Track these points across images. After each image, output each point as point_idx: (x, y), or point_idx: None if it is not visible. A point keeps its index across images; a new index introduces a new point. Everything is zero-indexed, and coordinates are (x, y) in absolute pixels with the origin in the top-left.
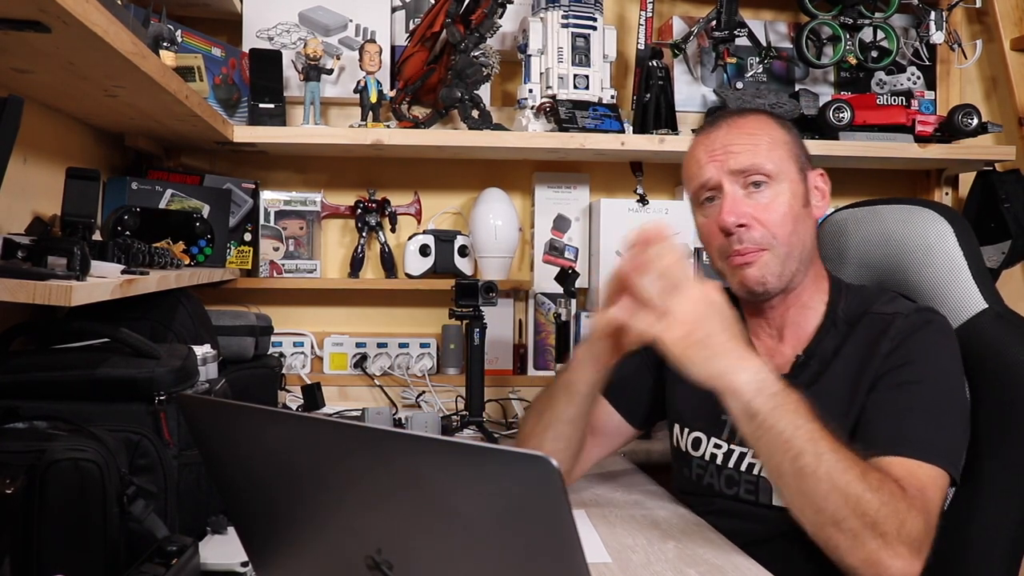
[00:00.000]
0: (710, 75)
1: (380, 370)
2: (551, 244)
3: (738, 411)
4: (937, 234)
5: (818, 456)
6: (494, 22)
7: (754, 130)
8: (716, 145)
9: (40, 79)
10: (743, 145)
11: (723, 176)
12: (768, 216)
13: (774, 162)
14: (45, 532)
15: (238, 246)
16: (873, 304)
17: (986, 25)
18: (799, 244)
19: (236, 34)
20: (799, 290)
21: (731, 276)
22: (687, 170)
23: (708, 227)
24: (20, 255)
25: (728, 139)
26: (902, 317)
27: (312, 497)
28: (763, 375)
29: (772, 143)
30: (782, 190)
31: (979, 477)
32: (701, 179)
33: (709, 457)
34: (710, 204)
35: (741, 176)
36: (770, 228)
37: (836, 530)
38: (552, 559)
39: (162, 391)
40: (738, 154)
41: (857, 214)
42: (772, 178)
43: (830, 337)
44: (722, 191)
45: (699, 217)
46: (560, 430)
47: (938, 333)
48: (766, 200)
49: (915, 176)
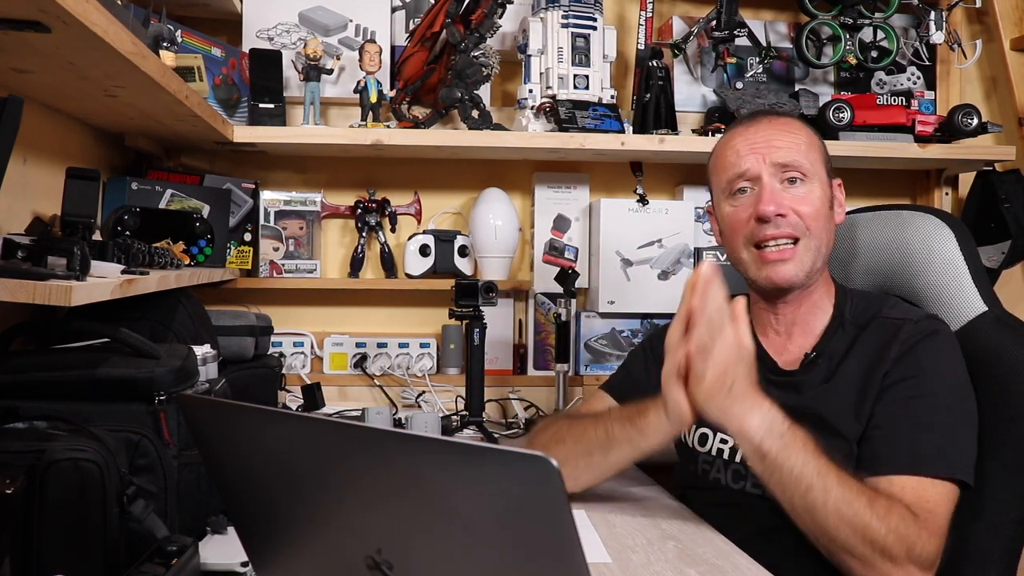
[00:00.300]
0: (710, 75)
1: (380, 370)
2: (551, 244)
3: (749, 451)
4: (939, 239)
5: (826, 491)
6: (494, 22)
7: (795, 129)
8: (758, 138)
9: (40, 79)
10: (785, 141)
11: (763, 168)
12: (804, 209)
13: (811, 161)
14: (45, 532)
15: (238, 246)
16: (881, 309)
17: (986, 25)
18: (826, 242)
19: (236, 34)
20: (812, 289)
21: (756, 268)
22: (722, 159)
23: (737, 216)
24: (20, 255)
25: (770, 134)
26: (911, 323)
27: (312, 497)
28: (772, 416)
29: (810, 144)
30: (814, 188)
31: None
32: (739, 168)
33: (716, 452)
34: (741, 195)
35: (780, 170)
36: (805, 220)
37: (848, 556)
38: (552, 559)
39: (162, 391)
40: (780, 148)
41: (860, 219)
42: (807, 176)
43: (838, 337)
44: (759, 182)
45: (726, 207)
46: (605, 475)
47: (945, 343)
48: (802, 194)
49: (915, 176)
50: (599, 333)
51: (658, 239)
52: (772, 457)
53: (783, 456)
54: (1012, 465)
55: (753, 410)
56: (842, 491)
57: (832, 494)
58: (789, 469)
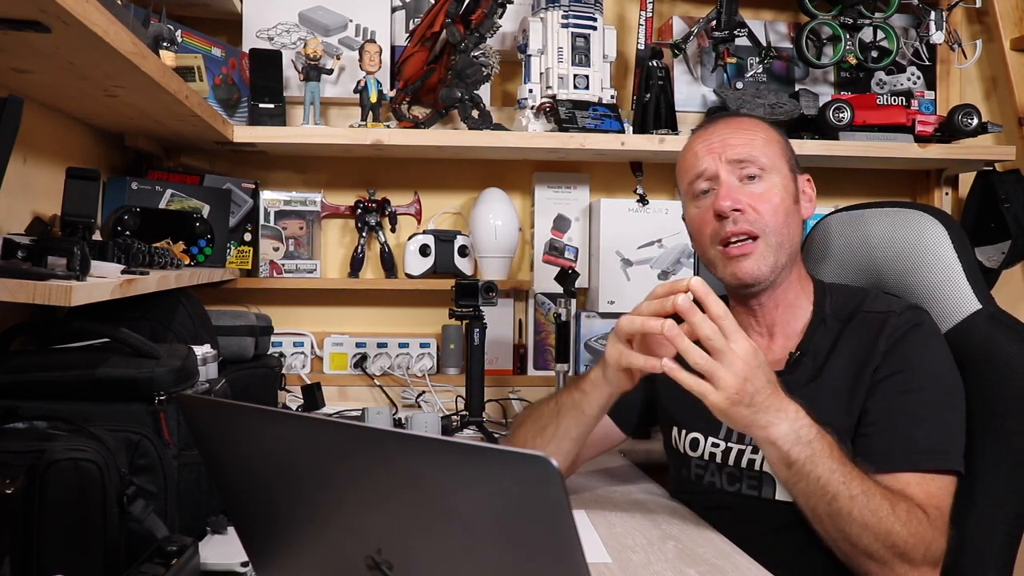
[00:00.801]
0: (710, 75)
1: (380, 370)
2: (551, 244)
3: (775, 459)
4: (932, 237)
5: (851, 499)
6: (494, 22)
7: (751, 127)
8: (714, 139)
9: (40, 79)
10: (740, 138)
11: (720, 165)
12: (761, 205)
13: (768, 156)
14: (45, 532)
15: (238, 246)
16: (863, 302)
17: (986, 25)
18: (789, 237)
19: (236, 34)
20: (785, 287)
21: (723, 266)
22: (683, 163)
23: (701, 216)
24: (20, 255)
25: (725, 133)
26: (895, 315)
27: (312, 497)
28: (799, 423)
29: (767, 140)
30: (775, 183)
31: (973, 475)
32: (697, 169)
33: (708, 456)
34: (704, 196)
35: (737, 166)
36: (763, 216)
37: (868, 560)
38: (552, 559)
39: (162, 391)
40: (735, 146)
41: (853, 217)
42: (766, 171)
43: (821, 334)
44: (718, 181)
45: (692, 209)
46: (562, 446)
47: (930, 334)
48: (760, 190)
49: (915, 176)
50: (599, 333)
51: (658, 239)
52: (800, 466)
53: (811, 465)
54: (1007, 461)
55: (780, 419)
56: (867, 499)
57: (857, 502)
58: (816, 477)
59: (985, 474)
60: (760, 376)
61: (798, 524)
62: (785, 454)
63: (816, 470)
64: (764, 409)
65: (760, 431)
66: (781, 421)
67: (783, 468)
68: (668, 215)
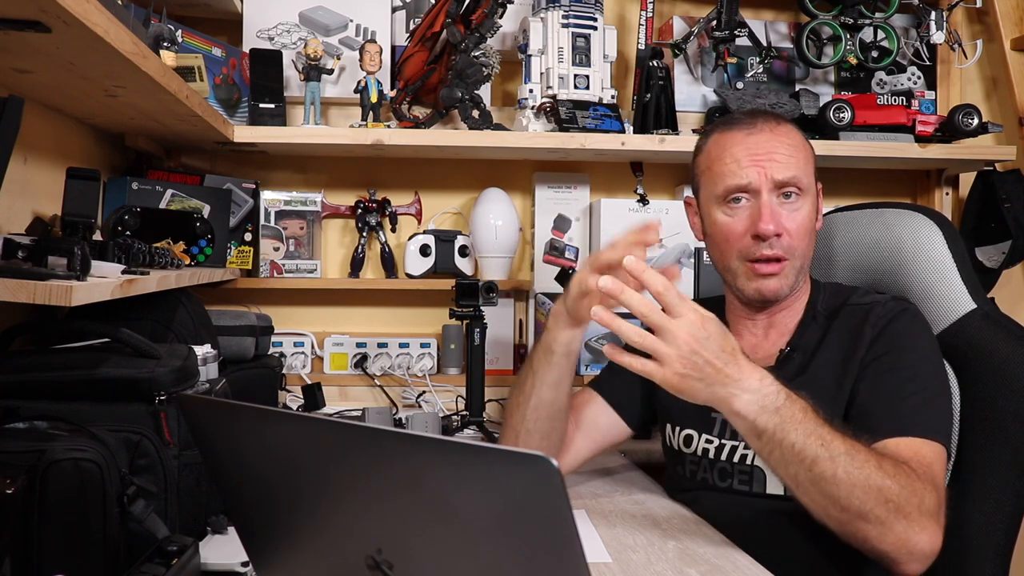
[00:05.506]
0: (710, 75)
1: (380, 370)
2: (551, 244)
3: (744, 431)
4: (927, 237)
5: (833, 459)
6: (494, 22)
7: (792, 139)
8: (760, 150)
9: (40, 79)
10: (786, 155)
11: (764, 183)
12: (794, 228)
13: (808, 177)
14: (45, 532)
15: (238, 246)
16: (849, 298)
17: (986, 25)
18: (808, 256)
19: (236, 34)
20: (791, 296)
21: (746, 280)
22: (719, 163)
23: (732, 227)
24: (20, 255)
25: (772, 146)
26: (880, 305)
27: (312, 497)
28: (764, 391)
29: (807, 158)
30: (806, 204)
31: (970, 474)
32: (739, 180)
33: (701, 452)
34: (736, 204)
35: (780, 186)
36: (795, 240)
37: (863, 522)
38: (552, 559)
39: (162, 391)
40: (782, 164)
41: (848, 217)
42: (803, 192)
43: (811, 330)
44: (758, 196)
45: (719, 214)
46: (543, 395)
47: (915, 319)
48: (796, 214)
49: (915, 176)
50: (599, 333)
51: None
52: (770, 435)
53: (781, 433)
54: (1003, 460)
55: (740, 388)
56: (850, 457)
57: (840, 461)
58: (790, 444)
59: (981, 474)
60: (711, 346)
61: (791, 518)
62: (752, 424)
63: (789, 437)
64: (720, 382)
65: (723, 404)
66: (743, 391)
67: (754, 439)
68: (668, 215)
